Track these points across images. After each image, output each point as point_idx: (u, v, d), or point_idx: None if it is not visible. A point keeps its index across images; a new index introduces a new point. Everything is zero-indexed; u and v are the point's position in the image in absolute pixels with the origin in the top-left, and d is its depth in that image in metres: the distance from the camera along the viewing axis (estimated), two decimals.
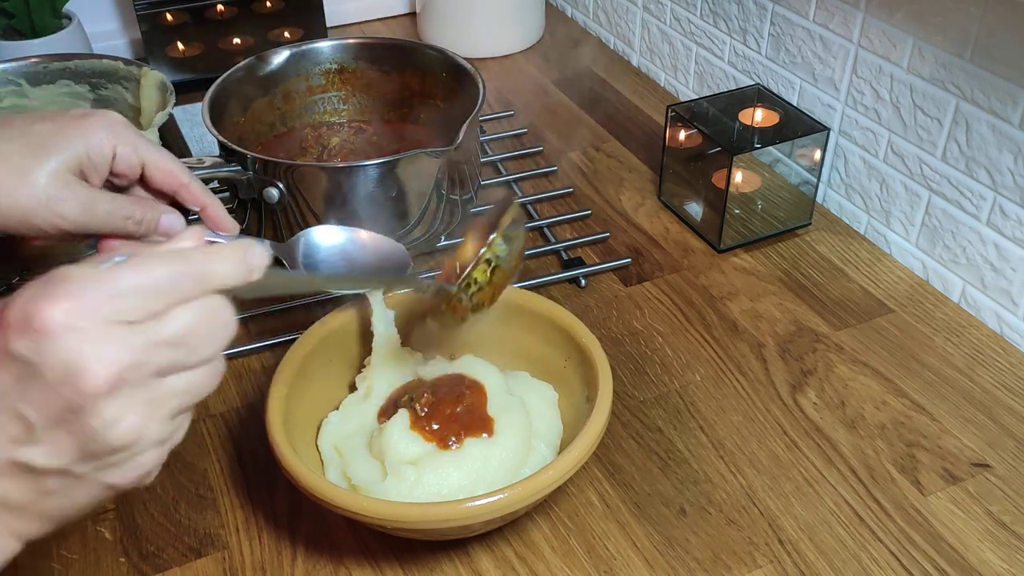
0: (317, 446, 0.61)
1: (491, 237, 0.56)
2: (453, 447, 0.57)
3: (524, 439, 0.58)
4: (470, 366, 0.63)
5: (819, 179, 0.85)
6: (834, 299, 0.78)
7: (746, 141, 0.84)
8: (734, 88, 0.94)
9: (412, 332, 0.66)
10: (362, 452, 0.59)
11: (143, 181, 0.54)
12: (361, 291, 0.62)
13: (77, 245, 0.66)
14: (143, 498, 0.62)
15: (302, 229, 0.75)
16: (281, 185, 0.73)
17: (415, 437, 0.57)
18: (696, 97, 1.03)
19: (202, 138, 0.82)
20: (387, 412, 0.61)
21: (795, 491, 0.62)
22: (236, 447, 0.66)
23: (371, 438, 0.59)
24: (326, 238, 0.64)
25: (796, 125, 0.84)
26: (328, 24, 1.17)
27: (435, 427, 0.58)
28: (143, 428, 0.35)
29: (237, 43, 1.11)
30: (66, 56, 0.84)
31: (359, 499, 0.52)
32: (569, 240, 0.84)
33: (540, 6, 1.21)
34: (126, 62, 0.83)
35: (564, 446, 0.60)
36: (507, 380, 0.63)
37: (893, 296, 0.78)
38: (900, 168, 0.80)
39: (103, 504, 0.61)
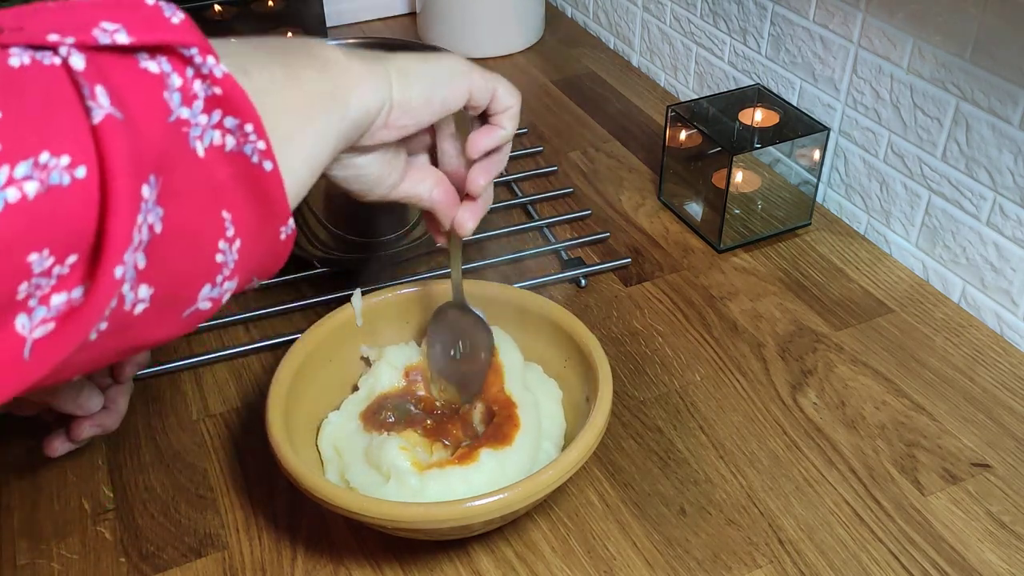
0: (317, 446, 0.61)
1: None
2: (465, 459, 0.56)
3: (534, 444, 0.58)
4: (498, 342, 0.63)
5: (819, 179, 0.85)
6: (834, 299, 0.78)
7: (746, 141, 0.84)
8: (734, 88, 0.93)
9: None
10: (362, 454, 0.59)
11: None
12: None
13: None
14: (143, 498, 0.62)
15: (302, 231, 0.75)
16: None
17: (416, 454, 0.57)
18: (696, 97, 1.03)
19: None
20: (373, 416, 0.60)
21: (795, 491, 0.62)
22: (236, 447, 0.66)
23: (367, 448, 0.59)
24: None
25: (796, 125, 0.84)
26: (328, 24, 1.17)
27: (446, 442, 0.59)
28: None
29: None
30: None
31: (359, 499, 0.52)
32: (569, 240, 0.84)
33: (540, 6, 1.21)
34: None
35: (565, 446, 0.60)
36: (525, 370, 0.63)
37: (893, 296, 0.78)
38: (900, 168, 0.80)
39: (103, 504, 0.61)
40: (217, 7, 1.08)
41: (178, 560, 0.58)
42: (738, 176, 0.83)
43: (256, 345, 0.73)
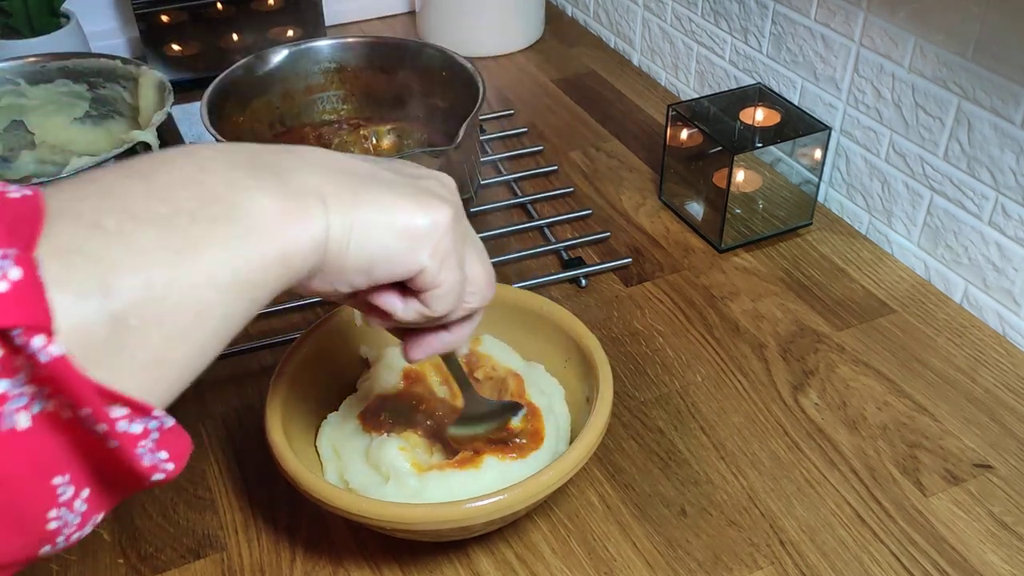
0: (316, 447, 0.60)
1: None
2: (467, 464, 0.56)
3: (549, 458, 0.57)
4: (492, 350, 0.63)
5: (820, 178, 0.85)
6: (836, 299, 0.78)
7: (747, 140, 0.84)
8: (735, 87, 0.93)
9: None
10: (361, 455, 0.58)
11: None
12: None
13: None
14: (141, 499, 0.62)
15: None
16: None
17: (416, 455, 0.57)
18: (697, 96, 1.03)
19: (200, 137, 0.82)
20: (372, 417, 0.60)
21: (796, 492, 0.61)
22: (235, 448, 0.65)
23: (367, 449, 0.58)
24: None
25: (797, 124, 0.83)
26: (327, 23, 1.16)
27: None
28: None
29: (236, 42, 1.11)
30: (64, 55, 0.83)
31: (358, 500, 0.51)
32: (569, 240, 0.84)
33: (540, 5, 1.20)
34: (124, 61, 0.83)
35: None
36: (528, 371, 0.62)
37: (895, 296, 0.78)
38: (902, 168, 0.80)
39: None
40: (218, 6, 1.08)
41: (176, 561, 0.58)
42: (739, 176, 0.83)
43: (255, 345, 0.73)
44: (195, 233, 0.33)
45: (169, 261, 0.32)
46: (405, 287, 0.42)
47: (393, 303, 0.43)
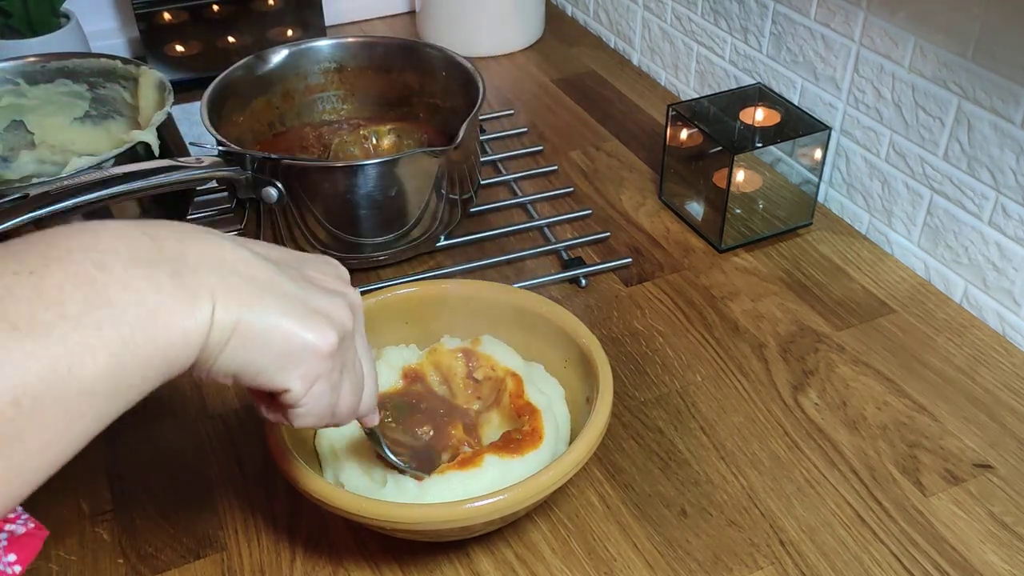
0: (315, 447, 0.60)
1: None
2: (467, 464, 0.56)
3: (549, 458, 0.57)
4: (492, 350, 0.62)
5: (820, 178, 0.85)
6: (836, 299, 0.78)
7: (747, 140, 0.84)
8: (735, 87, 0.93)
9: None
10: (361, 456, 0.58)
11: None
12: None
13: None
14: (141, 499, 0.62)
15: (301, 231, 0.75)
16: (280, 185, 0.73)
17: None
18: (697, 96, 1.03)
19: (200, 137, 0.81)
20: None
21: (796, 492, 0.61)
22: (235, 448, 0.65)
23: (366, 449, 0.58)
24: None
25: (797, 124, 0.83)
26: (327, 23, 1.16)
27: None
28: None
29: (236, 42, 1.11)
30: (64, 55, 0.83)
31: (358, 500, 0.51)
32: (569, 240, 0.84)
33: (540, 5, 1.20)
34: (124, 61, 0.83)
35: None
36: (528, 371, 0.62)
37: (895, 296, 0.78)
38: (902, 167, 0.80)
39: (101, 505, 0.61)
40: (216, 7, 1.08)
41: (176, 561, 0.58)
42: (739, 175, 0.83)
43: None
44: (77, 340, 0.32)
45: (42, 375, 0.31)
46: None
47: (258, 404, 0.44)
